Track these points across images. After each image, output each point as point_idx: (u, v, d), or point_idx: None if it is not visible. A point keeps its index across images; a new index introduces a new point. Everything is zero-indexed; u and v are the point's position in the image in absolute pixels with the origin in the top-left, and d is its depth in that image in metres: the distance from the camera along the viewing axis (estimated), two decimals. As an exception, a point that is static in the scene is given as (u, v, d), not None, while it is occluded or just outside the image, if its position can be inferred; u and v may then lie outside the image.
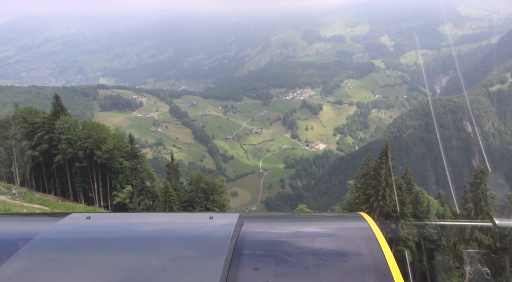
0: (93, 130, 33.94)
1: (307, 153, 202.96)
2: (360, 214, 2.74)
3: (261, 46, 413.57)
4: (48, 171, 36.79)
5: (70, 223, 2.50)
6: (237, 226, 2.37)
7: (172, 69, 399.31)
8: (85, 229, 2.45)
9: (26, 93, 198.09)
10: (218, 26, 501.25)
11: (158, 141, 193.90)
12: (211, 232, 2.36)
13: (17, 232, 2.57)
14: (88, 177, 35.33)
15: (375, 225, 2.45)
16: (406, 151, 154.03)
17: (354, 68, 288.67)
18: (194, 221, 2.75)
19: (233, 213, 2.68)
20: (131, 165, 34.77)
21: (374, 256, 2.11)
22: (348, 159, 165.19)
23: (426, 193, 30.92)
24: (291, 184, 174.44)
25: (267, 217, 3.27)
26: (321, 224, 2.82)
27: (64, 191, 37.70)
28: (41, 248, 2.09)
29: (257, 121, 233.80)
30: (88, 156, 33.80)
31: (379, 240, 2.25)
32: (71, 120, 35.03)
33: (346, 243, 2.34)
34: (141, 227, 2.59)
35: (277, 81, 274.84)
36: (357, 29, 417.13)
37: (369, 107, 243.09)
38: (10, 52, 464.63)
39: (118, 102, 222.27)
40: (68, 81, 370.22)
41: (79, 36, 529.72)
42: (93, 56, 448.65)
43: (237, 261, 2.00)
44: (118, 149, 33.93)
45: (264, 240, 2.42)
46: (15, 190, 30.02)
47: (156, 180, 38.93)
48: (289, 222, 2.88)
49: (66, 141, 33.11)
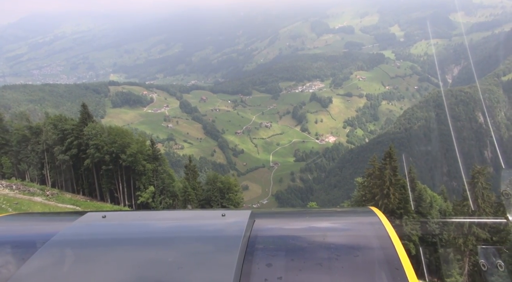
0: (118, 136, 36.06)
1: (317, 146, 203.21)
2: (371, 209, 2.77)
3: (270, 39, 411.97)
4: (77, 173, 39.04)
5: (87, 222, 2.59)
6: (249, 223, 2.42)
7: (181, 64, 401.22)
8: (101, 228, 2.53)
9: (40, 91, 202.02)
10: (226, 20, 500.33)
11: (169, 136, 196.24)
12: (224, 229, 2.41)
13: (36, 231, 2.65)
14: (114, 178, 37.48)
15: (386, 220, 2.47)
16: (417, 143, 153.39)
17: (363, 60, 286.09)
18: (206, 218, 2.80)
19: (245, 210, 2.71)
20: (153, 167, 36.79)
21: (386, 250, 2.12)
22: (358, 152, 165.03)
23: (429, 190, 32.20)
24: (301, 177, 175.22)
25: (278, 213, 3.29)
26: (332, 219, 2.85)
27: (91, 191, 39.89)
28: (60, 247, 2.15)
29: (267, 115, 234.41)
30: (114, 159, 36.02)
31: (391, 234, 2.26)
32: (98, 127, 37.21)
33: (358, 238, 2.36)
34: (155, 225, 2.66)
35: (286, 74, 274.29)
36: (366, 20, 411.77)
37: (379, 99, 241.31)
38: (22, 50, 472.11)
39: (129, 99, 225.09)
40: (79, 78, 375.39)
41: (89, 33, 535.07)
42: (103, 53, 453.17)
43: (250, 258, 2.03)
44: (141, 152, 36.07)
45: (276, 236, 2.45)
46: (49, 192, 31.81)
47: (176, 180, 40.68)
48: (301, 218, 2.90)
49: (94, 146, 35.41)
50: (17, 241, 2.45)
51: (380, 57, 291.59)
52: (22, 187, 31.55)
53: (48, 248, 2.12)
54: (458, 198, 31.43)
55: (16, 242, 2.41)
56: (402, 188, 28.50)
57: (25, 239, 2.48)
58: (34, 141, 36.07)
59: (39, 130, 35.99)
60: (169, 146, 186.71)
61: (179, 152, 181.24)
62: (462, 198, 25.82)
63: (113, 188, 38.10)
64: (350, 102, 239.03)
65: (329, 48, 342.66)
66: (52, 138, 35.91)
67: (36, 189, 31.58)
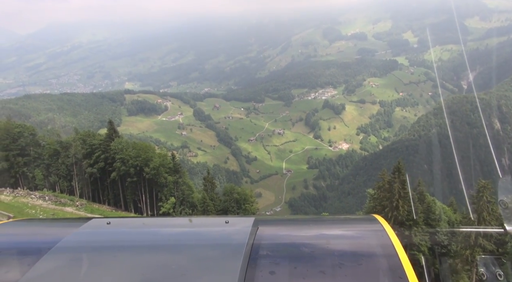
0: (141, 150, 38.20)
1: (330, 153, 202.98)
2: (374, 216, 2.76)
3: (282, 47, 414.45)
4: (103, 185, 41.14)
5: (92, 228, 2.63)
6: (253, 230, 2.41)
7: (195, 72, 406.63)
8: (106, 234, 2.57)
9: (59, 101, 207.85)
10: (239, 28, 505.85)
11: (183, 143, 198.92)
12: (228, 236, 2.41)
13: (42, 237, 2.70)
14: (137, 190, 39.61)
15: (390, 228, 2.46)
16: (432, 150, 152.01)
17: (376, 66, 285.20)
18: (210, 225, 2.81)
19: (248, 217, 2.72)
20: (173, 179, 38.52)
21: (389, 258, 2.11)
22: (372, 159, 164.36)
23: (438, 202, 33.21)
24: (314, 184, 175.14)
25: (282, 220, 3.39)
26: (336, 226, 2.85)
27: (116, 202, 42.04)
28: (66, 253, 2.19)
29: (280, 122, 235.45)
30: (138, 172, 37.95)
31: (394, 242, 2.25)
32: (123, 142, 39.40)
33: (361, 246, 2.35)
34: (159, 231, 2.68)
35: (299, 82, 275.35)
36: (379, 26, 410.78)
37: (393, 106, 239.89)
38: (40, 59, 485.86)
39: (144, 107, 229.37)
40: (95, 86, 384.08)
41: (105, 42, 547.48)
42: (118, 61, 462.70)
43: (253, 265, 2.02)
44: (163, 165, 37.94)
45: (279, 244, 2.46)
46: (78, 202, 33.85)
47: (195, 191, 42.32)
48: (304, 225, 2.92)
49: (120, 159, 37.63)
50: (24, 246, 2.51)
51: (393, 63, 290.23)
52: (53, 198, 33.55)
53: (54, 253, 2.15)
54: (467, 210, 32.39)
55: (23, 248, 2.47)
56: (412, 200, 29.69)
57: (31, 245, 2.53)
58: (64, 155, 38.37)
59: (69, 145, 38.27)
60: (183, 153, 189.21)
61: (193, 159, 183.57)
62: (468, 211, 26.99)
63: (136, 199, 40.06)
64: (363, 109, 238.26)
65: (342, 55, 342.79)
66: (81, 152, 38.13)
67: (66, 200, 33.55)
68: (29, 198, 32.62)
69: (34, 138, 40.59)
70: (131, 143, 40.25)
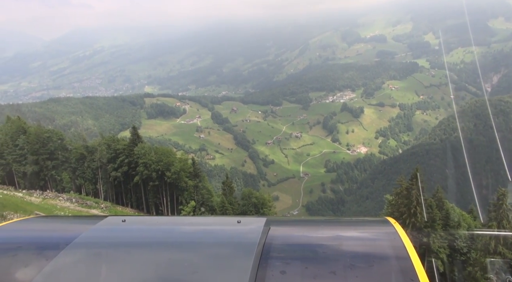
0: (163, 155, 39.47)
1: (348, 156, 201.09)
2: (387, 219, 2.75)
3: (300, 50, 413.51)
4: (126, 188, 42.60)
5: (107, 225, 2.70)
6: (265, 230, 2.43)
7: (213, 75, 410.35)
8: (121, 231, 2.65)
9: (81, 104, 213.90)
10: (256, 31, 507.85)
11: (201, 146, 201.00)
12: (239, 236, 2.44)
13: (60, 233, 2.79)
14: (159, 193, 40.79)
15: (402, 230, 2.45)
16: (453, 154, 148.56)
17: (396, 69, 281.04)
18: (222, 224, 2.87)
19: (260, 217, 2.75)
20: (194, 183, 39.47)
21: (401, 261, 2.10)
22: (391, 163, 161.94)
23: (457, 209, 33.05)
24: (332, 188, 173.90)
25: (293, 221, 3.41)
26: (347, 228, 2.85)
27: (139, 204, 43.50)
28: (82, 249, 2.26)
29: (297, 125, 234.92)
30: (160, 176, 39.10)
31: (406, 245, 2.23)
32: (146, 147, 40.78)
33: (373, 248, 2.35)
34: (172, 230, 2.74)
35: (317, 85, 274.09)
36: (399, 28, 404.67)
37: (413, 109, 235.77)
38: (64, 64, 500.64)
39: (163, 110, 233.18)
40: (116, 90, 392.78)
41: (125, 46, 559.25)
42: (138, 65, 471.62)
43: (264, 264, 2.04)
44: (183, 170, 38.99)
45: (291, 244, 2.47)
46: (103, 205, 35.18)
47: (214, 195, 43.19)
48: (316, 226, 2.92)
49: (142, 164, 38.98)
50: (42, 242, 2.60)
51: (413, 66, 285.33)
52: (80, 200, 34.94)
53: (71, 249, 2.23)
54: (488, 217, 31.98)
55: (42, 243, 2.57)
56: (429, 207, 29.64)
57: (50, 240, 2.62)
58: (89, 159, 40.00)
59: (94, 149, 39.85)
60: (201, 156, 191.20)
61: (211, 162, 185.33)
62: (488, 219, 26.82)
63: (158, 202, 41.26)
64: (382, 113, 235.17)
65: (360, 58, 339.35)
66: (105, 156, 39.60)
67: (92, 202, 34.89)
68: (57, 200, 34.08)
69: (62, 143, 42.37)
70: (153, 148, 41.51)
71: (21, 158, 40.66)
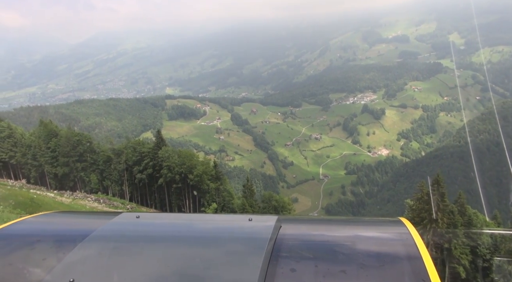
0: (186, 158, 40.46)
1: (369, 158, 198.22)
2: (400, 219, 2.75)
3: (320, 51, 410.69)
4: (150, 190, 43.88)
5: (122, 221, 2.79)
6: (275, 228, 2.45)
7: (232, 77, 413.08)
8: (135, 226, 2.72)
9: (105, 106, 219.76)
10: (276, 33, 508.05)
11: (221, 148, 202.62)
12: (250, 233, 2.47)
13: (77, 228, 2.92)
14: (182, 195, 41.80)
15: (415, 231, 2.44)
16: (479, 157, 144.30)
17: (419, 70, 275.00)
18: (234, 222, 2.92)
19: (271, 215, 2.77)
20: (215, 186, 40.24)
21: (413, 261, 2.09)
22: (414, 165, 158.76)
23: (481, 215, 32.51)
24: (352, 190, 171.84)
25: (305, 219, 3.45)
26: (359, 228, 2.85)
27: (162, 206, 44.77)
28: (98, 243, 2.36)
29: (317, 127, 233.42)
30: (183, 179, 40.03)
31: (419, 245, 2.22)
32: (170, 150, 41.83)
33: (385, 248, 2.34)
34: (184, 226, 2.81)
35: (337, 86, 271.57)
36: (422, 28, 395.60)
37: (437, 111, 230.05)
38: (89, 66, 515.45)
39: (184, 112, 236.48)
40: (138, 92, 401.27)
41: (148, 49, 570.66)
42: (160, 67, 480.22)
43: (275, 262, 2.06)
44: (206, 173, 39.86)
45: (301, 242, 2.48)
46: (129, 205, 36.45)
47: (235, 197, 43.85)
48: (327, 225, 2.94)
49: (166, 167, 40.17)
50: (60, 235, 2.73)
51: (437, 66, 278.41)
52: (107, 201, 36.26)
53: (87, 243, 2.32)
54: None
55: (59, 236, 2.70)
56: (451, 213, 29.23)
57: (67, 234, 2.75)
58: (116, 161, 41.51)
59: (121, 152, 41.22)
60: (221, 157, 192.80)
61: (230, 163, 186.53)
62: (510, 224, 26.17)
63: (181, 204, 42.26)
64: (404, 114, 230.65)
65: (382, 58, 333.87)
66: (131, 159, 40.97)
67: (118, 203, 36.13)
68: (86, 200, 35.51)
69: (91, 146, 44.13)
70: (177, 151, 42.61)
71: (52, 160, 42.71)
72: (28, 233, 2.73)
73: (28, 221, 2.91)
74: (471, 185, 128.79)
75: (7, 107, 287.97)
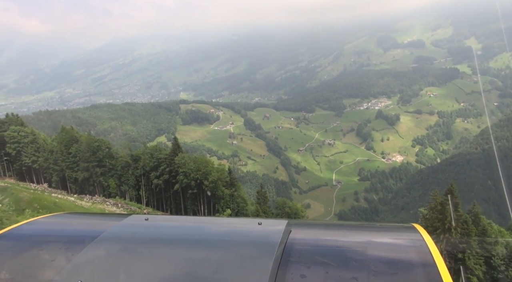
0: (201, 165, 41.31)
1: (383, 165, 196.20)
2: (413, 225, 2.70)
3: (334, 56, 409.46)
4: (166, 195, 44.79)
5: (131, 223, 2.80)
6: (285, 232, 2.42)
7: (246, 82, 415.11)
8: (144, 228, 2.73)
9: (121, 110, 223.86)
10: (290, 38, 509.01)
11: (234, 152, 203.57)
12: (260, 237, 2.45)
13: (87, 229, 2.94)
14: (197, 201, 42.62)
15: (429, 237, 2.38)
16: (497, 165, 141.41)
17: (435, 75, 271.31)
18: (244, 226, 2.89)
19: (281, 220, 2.76)
20: (230, 192, 40.90)
21: (427, 268, 2.03)
22: (429, 172, 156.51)
23: (495, 225, 32.29)
24: (366, 197, 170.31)
25: (315, 224, 3.43)
26: (371, 233, 2.79)
27: (177, 211, 45.78)
28: (107, 244, 2.37)
29: (330, 132, 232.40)
30: (198, 185, 40.86)
31: (433, 252, 2.17)
32: (186, 157, 42.75)
33: (398, 255, 2.28)
34: (193, 229, 2.80)
35: (351, 91, 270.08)
36: (438, 33, 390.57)
37: (453, 117, 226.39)
38: (105, 71, 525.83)
39: (197, 116, 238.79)
40: (153, 96, 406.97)
41: (162, 54, 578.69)
42: (174, 72, 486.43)
43: (284, 267, 2.03)
44: (220, 179, 40.56)
45: (312, 247, 2.44)
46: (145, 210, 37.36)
47: (249, 204, 44.44)
48: (338, 231, 2.89)
49: (182, 173, 41.01)
50: (70, 236, 2.76)
51: (454, 72, 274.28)
52: (125, 205, 37.21)
53: (96, 244, 2.34)
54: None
55: (69, 237, 2.72)
56: (464, 223, 29.09)
57: (77, 235, 2.77)
58: (134, 167, 42.68)
59: (138, 158, 42.34)
60: (234, 162, 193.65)
61: (243, 168, 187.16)
62: None
63: (196, 209, 43.05)
64: (419, 120, 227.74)
65: (397, 64, 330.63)
66: (148, 165, 42.04)
67: (135, 208, 37.06)
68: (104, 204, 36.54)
69: (109, 152, 45.47)
70: (193, 158, 43.59)
71: (73, 165, 44.17)
72: (38, 234, 2.77)
73: (39, 222, 2.97)
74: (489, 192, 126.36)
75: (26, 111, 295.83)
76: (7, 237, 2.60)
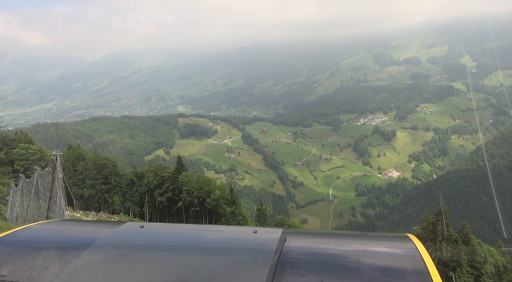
0: (204, 183, 42.57)
1: (379, 180, 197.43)
2: (407, 235, 2.71)
3: (331, 71, 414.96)
4: (169, 212, 45.72)
5: (126, 230, 2.83)
6: (280, 240, 2.44)
7: (244, 96, 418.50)
8: (139, 236, 2.75)
9: (119, 123, 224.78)
10: (288, 53, 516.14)
11: (231, 166, 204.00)
12: (255, 246, 2.47)
13: (81, 236, 2.94)
14: (199, 218, 43.62)
15: (423, 247, 2.41)
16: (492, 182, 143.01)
17: (430, 92, 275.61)
18: (239, 234, 2.90)
19: (276, 228, 2.77)
20: (231, 210, 42.00)
21: (421, 278, 2.04)
22: (425, 188, 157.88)
23: (484, 245, 33.51)
24: (362, 212, 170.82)
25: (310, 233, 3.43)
26: (366, 243, 2.81)
27: (180, 228, 46.20)
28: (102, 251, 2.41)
29: (327, 147, 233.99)
30: (200, 203, 41.90)
31: (426, 261, 2.19)
32: (189, 175, 43.88)
33: (392, 264, 2.29)
34: (189, 237, 2.81)
35: (347, 107, 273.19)
36: (434, 51, 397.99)
37: (448, 133, 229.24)
38: (104, 84, 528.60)
39: (195, 130, 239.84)
40: (151, 109, 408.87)
41: (161, 67, 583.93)
42: (172, 86, 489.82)
43: (279, 275, 2.04)
44: (222, 197, 41.64)
45: (307, 256, 2.43)
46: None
47: (249, 221, 45.51)
48: (333, 239, 2.89)
49: (186, 191, 41.97)
50: (64, 243, 2.73)
51: (449, 89, 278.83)
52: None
53: (91, 251, 2.36)
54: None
55: (63, 244, 2.69)
56: (455, 242, 30.39)
57: (71, 242, 2.75)
58: (138, 184, 43.72)
59: (143, 176, 43.50)
60: (231, 176, 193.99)
61: (240, 182, 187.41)
62: None
63: (198, 226, 44.02)
64: (415, 136, 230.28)
65: (393, 80, 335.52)
66: (152, 183, 43.17)
67: (139, 224, 37.94)
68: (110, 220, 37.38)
69: (115, 169, 46.66)
70: (196, 176, 44.82)
71: (79, 182, 45.22)
72: (33, 240, 2.76)
73: (33, 228, 2.96)
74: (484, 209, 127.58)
75: (23, 123, 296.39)
76: (1, 243, 2.61)
